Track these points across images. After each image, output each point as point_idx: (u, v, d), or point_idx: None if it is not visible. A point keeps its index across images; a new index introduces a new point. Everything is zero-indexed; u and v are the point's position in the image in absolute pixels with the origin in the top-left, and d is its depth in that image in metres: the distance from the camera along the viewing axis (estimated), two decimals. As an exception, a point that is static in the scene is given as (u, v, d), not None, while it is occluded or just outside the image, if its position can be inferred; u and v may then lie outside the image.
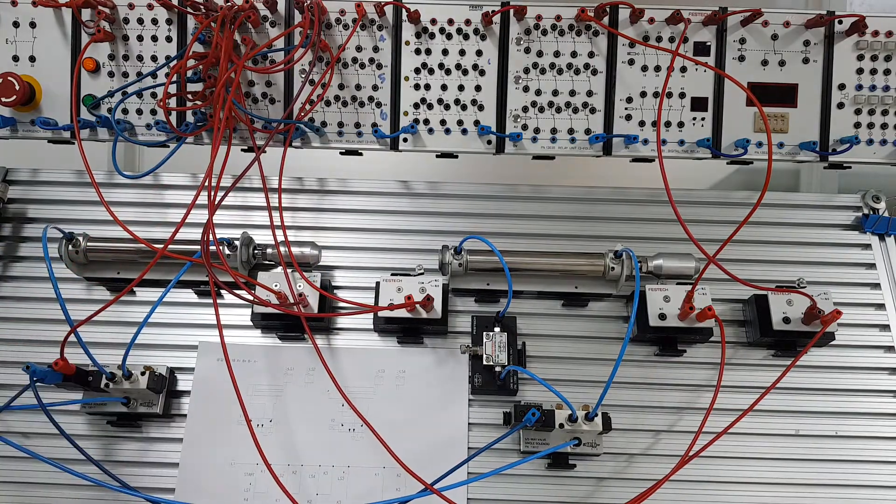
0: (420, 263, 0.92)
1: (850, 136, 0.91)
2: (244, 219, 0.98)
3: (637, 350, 0.91)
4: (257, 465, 0.81)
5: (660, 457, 0.86)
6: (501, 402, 0.88)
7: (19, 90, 0.88)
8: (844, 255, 0.97)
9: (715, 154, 0.92)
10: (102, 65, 0.92)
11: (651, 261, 0.90)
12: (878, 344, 0.91)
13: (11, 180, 1.00)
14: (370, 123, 0.93)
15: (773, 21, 0.91)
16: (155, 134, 0.93)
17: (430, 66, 0.92)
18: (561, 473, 0.85)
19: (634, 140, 0.92)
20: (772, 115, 0.92)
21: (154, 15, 0.91)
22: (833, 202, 1.00)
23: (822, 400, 0.89)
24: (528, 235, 0.98)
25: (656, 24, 0.91)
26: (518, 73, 0.92)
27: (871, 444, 0.87)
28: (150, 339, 0.90)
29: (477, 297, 0.94)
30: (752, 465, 0.86)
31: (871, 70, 0.91)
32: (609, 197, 1.00)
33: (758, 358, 0.91)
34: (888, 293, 0.94)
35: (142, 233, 0.84)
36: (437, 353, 0.90)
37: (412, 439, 0.85)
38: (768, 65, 0.91)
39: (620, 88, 0.92)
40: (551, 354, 0.91)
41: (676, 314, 0.86)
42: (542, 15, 0.91)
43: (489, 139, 0.93)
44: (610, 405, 0.86)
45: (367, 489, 0.84)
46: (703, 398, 0.88)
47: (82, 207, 0.98)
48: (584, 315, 0.94)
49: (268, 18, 0.91)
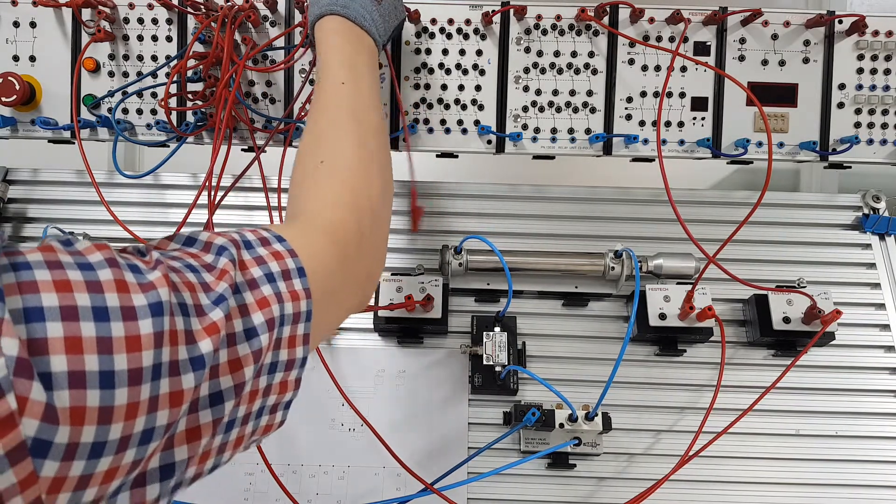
0: (420, 263, 0.92)
1: (850, 135, 0.91)
2: (244, 219, 0.98)
3: (637, 350, 0.91)
4: (257, 464, 0.81)
5: (660, 456, 0.86)
6: (501, 401, 0.88)
7: (19, 90, 0.88)
8: (844, 254, 0.97)
9: (715, 154, 0.92)
10: (102, 64, 0.92)
11: (651, 261, 0.90)
12: (879, 344, 0.92)
13: (11, 180, 1.00)
14: (370, 123, 0.93)
15: (774, 21, 0.91)
16: (155, 134, 0.93)
17: (430, 66, 0.92)
18: (561, 473, 0.85)
19: (634, 140, 0.92)
20: (772, 114, 0.92)
21: (154, 15, 0.91)
22: (833, 202, 1.00)
23: (822, 400, 0.89)
24: (528, 235, 0.98)
25: (656, 24, 0.91)
26: (518, 73, 0.92)
27: (872, 444, 0.87)
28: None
29: (477, 297, 0.94)
30: (752, 464, 0.86)
31: (871, 70, 0.91)
32: (609, 197, 1.00)
33: (758, 358, 0.91)
34: (888, 293, 0.94)
35: (142, 233, 0.84)
36: (437, 353, 0.90)
37: (412, 439, 0.85)
38: (768, 65, 0.91)
39: (620, 88, 0.92)
40: (551, 354, 0.91)
41: (677, 314, 0.86)
42: (542, 15, 0.91)
43: (489, 139, 0.93)
44: (610, 405, 0.86)
45: (367, 489, 0.84)
46: (703, 398, 0.88)
47: (83, 207, 0.98)
48: (585, 315, 0.94)
49: (268, 18, 0.91)
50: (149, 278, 0.35)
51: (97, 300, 0.32)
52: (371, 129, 0.63)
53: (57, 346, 0.29)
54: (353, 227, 0.55)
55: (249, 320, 0.41)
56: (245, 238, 0.45)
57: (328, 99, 0.63)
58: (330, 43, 0.67)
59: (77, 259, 0.33)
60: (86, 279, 0.32)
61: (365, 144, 0.61)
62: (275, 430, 0.48)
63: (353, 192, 0.57)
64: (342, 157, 0.59)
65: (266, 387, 0.44)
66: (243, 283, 0.42)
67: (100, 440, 0.31)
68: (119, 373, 0.31)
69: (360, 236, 0.55)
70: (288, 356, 0.45)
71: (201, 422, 0.38)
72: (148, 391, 0.33)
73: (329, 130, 0.61)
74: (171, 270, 0.38)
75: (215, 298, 0.39)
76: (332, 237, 0.52)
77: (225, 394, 0.39)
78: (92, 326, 0.31)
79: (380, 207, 0.59)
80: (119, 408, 0.31)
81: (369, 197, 0.58)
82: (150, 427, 0.33)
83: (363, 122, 0.62)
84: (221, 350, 0.38)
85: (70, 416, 0.29)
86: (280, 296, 0.43)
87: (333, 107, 0.62)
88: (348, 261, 0.53)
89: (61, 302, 0.30)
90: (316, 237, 0.51)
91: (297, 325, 0.45)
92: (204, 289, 0.39)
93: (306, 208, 0.56)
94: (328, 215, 0.55)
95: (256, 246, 0.45)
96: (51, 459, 0.29)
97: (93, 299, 0.31)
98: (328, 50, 0.67)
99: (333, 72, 0.64)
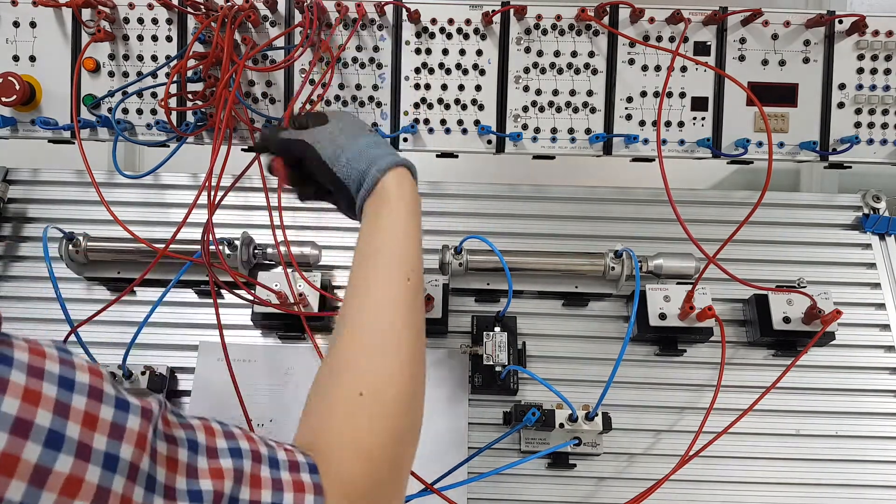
0: (420, 263, 0.92)
1: (850, 135, 0.91)
2: (244, 219, 0.98)
3: (637, 350, 0.91)
4: (257, 464, 0.81)
5: (660, 456, 0.86)
6: (501, 401, 0.88)
7: (19, 90, 0.88)
8: (844, 254, 0.97)
9: (715, 154, 0.92)
10: (102, 64, 0.92)
11: (651, 260, 0.90)
12: (878, 344, 0.91)
13: (11, 180, 1.00)
14: (370, 123, 0.93)
15: (774, 21, 0.91)
16: (155, 134, 0.93)
17: (431, 66, 0.92)
18: (561, 473, 0.85)
19: (635, 140, 0.92)
20: (772, 114, 0.92)
21: (154, 15, 0.91)
22: (833, 202, 1.00)
23: (822, 400, 0.89)
24: (529, 235, 0.98)
25: (656, 24, 0.91)
26: (518, 73, 0.92)
27: (872, 444, 0.87)
28: (151, 338, 0.89)
29: (477, 297, 0.94)
30: (752, 464, 0.86)
31: (871, 70, 0.91)
32: (609, 197, 1.00)
33: (758, 358, 0.91)
34: (888, 293, 0.94)
35: (142, 233, 0.84)
36: (437, 353, 0.90)
37: (412, 439, 0.85)
38: (768, 64, 0.91)
39: (620, 88, 0.92)
40: (551, 354, 0.91)
41: (677, 314, 0.86)
42: (542, 15, 0.91)
43: (489, 139, 0.93)
44: (610, 405, 0.86)
45: (367, 489, 0.84)
46: (703, 398, 0.88)
47: (82, 207, 0.98)
48: (585, 315, 0.94)
49: (268, 18, 0.91)
50: (127, 425, 0.32)
51: (57, 424, 0.29)
52: (423, 343, 0.53)
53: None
54: (390, 471, 0.47)
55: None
56: (272, 455, 0.40)
57: (387, 293, 0.53)
58: (408, 199, 0.58)
59: (63, 372, 0.31)
60: (57, 398, 0.30)
61: (419, 366, 0.52)
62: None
63: (395, 431, 0.48)
64: (391, 387, 0.49)
65: None
66: (246, 502, 0.37)
67: None
68: None
69: (399, 471, 0.49)
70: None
71: None
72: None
73: (387, 334, 0.51)
74: (164, 437, 0.34)
75: (193, 494, 0.34)
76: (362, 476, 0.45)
77: None
78: (37, 451, 0.28)
79: (415, 439, 0.51)
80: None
81: (413, 431, 0.50)
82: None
83: (421, 336, 0.52)
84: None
85: None
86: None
87: (390, 307, 0.52)
88: (381, 489, 0.46)
89: (19, 413, 0.28)
90: (345, 482, 0.44)
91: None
92: (188, 473, 0.35)
93: (333, 439, 0.47)
94: (364, 449, 0.46)
95: (282, 468, 0.40)
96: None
97: (53, 422, 0.29)
98: (407, 207, 0.57)
99: (407, 254, 0.55)
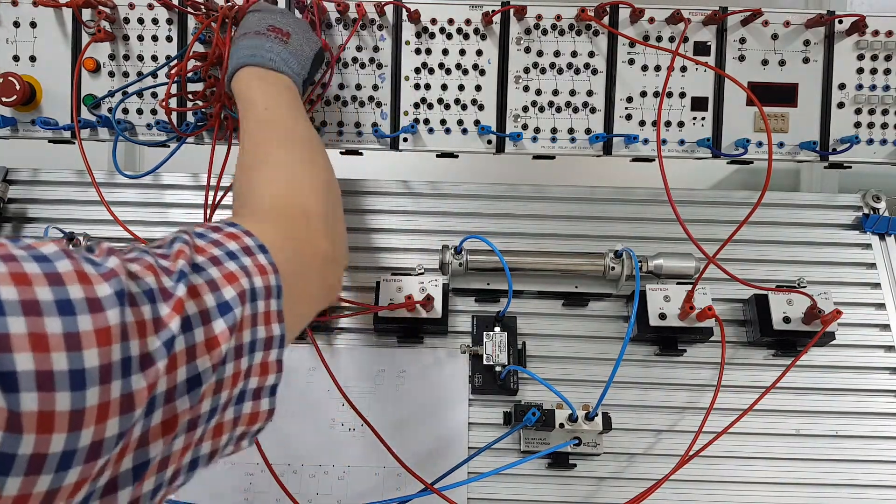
0: (420, 263, 0.92)
1: (850, 135, 0.91)
2: (244, 219, 0.98)
3: (637, 350, 0.91)
4: (258, 464, 0.81)
5: (660, 456, 0.86)
6: (501, 401, 0.88)
7: (20, 90, 0.88)
8: (844, 254, 0.97)
9: (715, 154, 0.92)
10: (103, 65, 0.92)
11: (651, 260, 0.90)
12: (879, 344, 0.91)
13: (11, 180, 1.00)
14: (370, 123, 0.93)
15: (774, 21, 0.91)
16: (155, 134, 0.93)
17: (431, 66, 0.92)
18: (561, 473, 0.85)
19: (634, 140, 0.92)
20: (772, 114, 0.92)
21: (154, 15, 0.91)
22: (833, 202, 1.00)
23: (822, 400, 0.89)
24: (529, 235, 0.98)
25: (656, 24, 0.91)
26: (518, 73, 0.92)
27: (871, 444, 0.87)
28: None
29: (477, 297, 0.94)
30: (752, 464, 0.86)
31: (871, 70, 0.91)
32: (609, 197, 1.00)
33: (758, 358, 0.91)
34: (888, 293, 0.94)
35: (143, 233, 0.84)
36: (437, 352, 0.90)
37: (412, 439, 0.85)
38: (768, 64, 0.91)
39: (620, 88, 0.92)
40: (552, 354, 0.91)
41: (677, 314, 0.86)
42: (542, 15, 0.91)
43: (489, 139, 0.93)
44: (610, 405, 0.86)
45: (367, 489, 0.84)
46: (703, 398, 0.88)
47: (83, 207, 0.98)
48: (585, 315, 0.94)
49: (268, 18, 0.91)
50: (108, 265, 0.33)
51: (60, 293, 0.30)
52: (298, 135, 0.67)
53: (21, 343, 0.27)
54: (296, 212, 0.57)
55: (220, 295, 0.40)
56: (194, 231, 0.45)
57: (255, 126, 0.66)
58: (248, 89, 0.70)
59: (31, 252, 0.31)
60: (45, 271, 0.30)
61: (294, 146, 0.65)
62: (262, 422, 0.46)
63: (288, 183, 0.60)
64: (274, 158, 0.63)
65: (247, 368, 0.42)
66: (205, 262, 0.41)
67: (69, 448, 0.28)
68: (90, 370, 0.29)
69: (306, 218, 0.57)
70: (266, 333, 0.44)
71: (178, 410, 0.35)
72: (119, 388, 0.31)
73: (260, 145, 0.64)
74: (126, 260, 0.36)
75: (176, 277, 0.38)
76: (274, 221, 0.54)
77: (203, 375, 0.37)
78: (58, 322, 0.29)
79: (322, 193, 0.62)
80: (91, 409, 0.29)
81: (308, 186, 0.61)
82: (124, 430, 0.31)
83: (290, 129, 0.67)
84: (197, 329, 0.37)
85: (37, 422, 0.27)
86: (246, 269, 0.43)
87: (262, 129, 0.66)
88: (298, 242, 0.54)
89: (21, 296, 0.28)
90: (261, 223, 0.52)
91: (269, 301, 0.44)
92: (165, 272, 0.38)
93: (246, 203, 0.59)
94: (267, 204, 0.57)
95: (208, 233, 0.45)
96: (13, 476, 0.26)
97: (55, 292, 0.29)
98: (248, 95, 0.69)
99: (256, 105, 0.68)
